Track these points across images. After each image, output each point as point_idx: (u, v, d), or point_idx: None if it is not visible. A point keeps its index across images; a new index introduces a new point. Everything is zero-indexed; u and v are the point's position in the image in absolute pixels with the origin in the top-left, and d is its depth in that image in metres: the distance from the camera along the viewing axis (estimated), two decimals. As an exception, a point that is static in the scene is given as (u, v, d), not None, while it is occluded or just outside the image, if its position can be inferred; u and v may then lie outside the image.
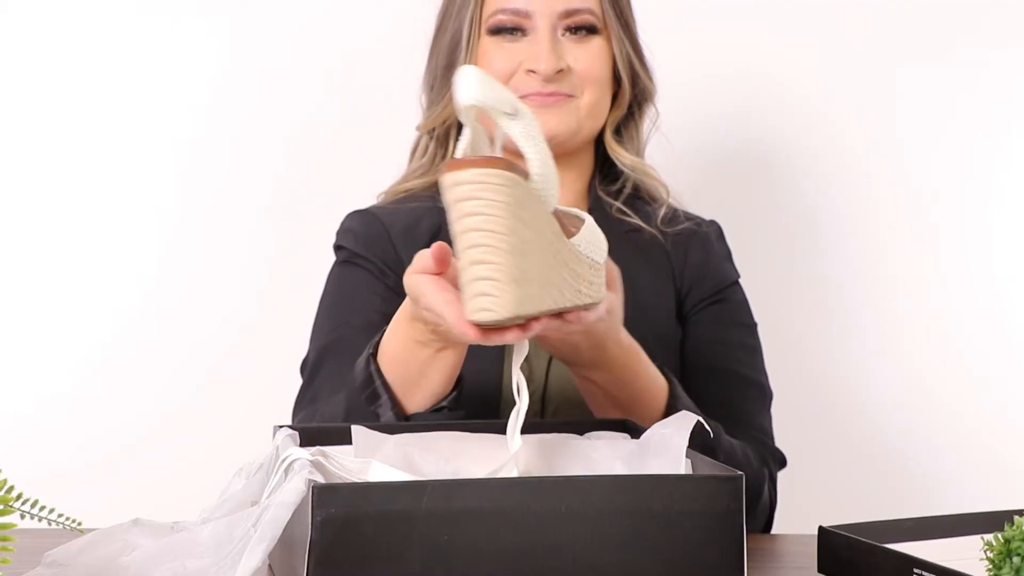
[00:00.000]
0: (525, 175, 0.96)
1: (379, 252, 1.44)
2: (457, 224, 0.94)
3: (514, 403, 1.05)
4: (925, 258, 1.94)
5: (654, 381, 1.26)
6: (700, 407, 1.28)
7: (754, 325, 1.51)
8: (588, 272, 1.06)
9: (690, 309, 1.47)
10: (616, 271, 1.15)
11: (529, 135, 0.98)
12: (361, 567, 0.92)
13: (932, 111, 1.93)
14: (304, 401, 1.39)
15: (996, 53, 1.92)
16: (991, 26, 1.92)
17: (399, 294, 1.39)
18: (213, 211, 1.94)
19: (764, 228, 1.94)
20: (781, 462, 1.46)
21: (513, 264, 0.94)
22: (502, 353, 1.38)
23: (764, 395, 1.47)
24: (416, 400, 1.20)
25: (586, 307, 1.06)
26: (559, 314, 1.03)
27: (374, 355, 1.20)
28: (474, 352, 1.18)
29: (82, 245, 1.93)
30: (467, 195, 0.93)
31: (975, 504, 1.30)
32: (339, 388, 1.29)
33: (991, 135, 1.94)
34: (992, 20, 1.92)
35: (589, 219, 1.07)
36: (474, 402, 1.30)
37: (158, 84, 1.93)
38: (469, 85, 0.94)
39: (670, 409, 1.26)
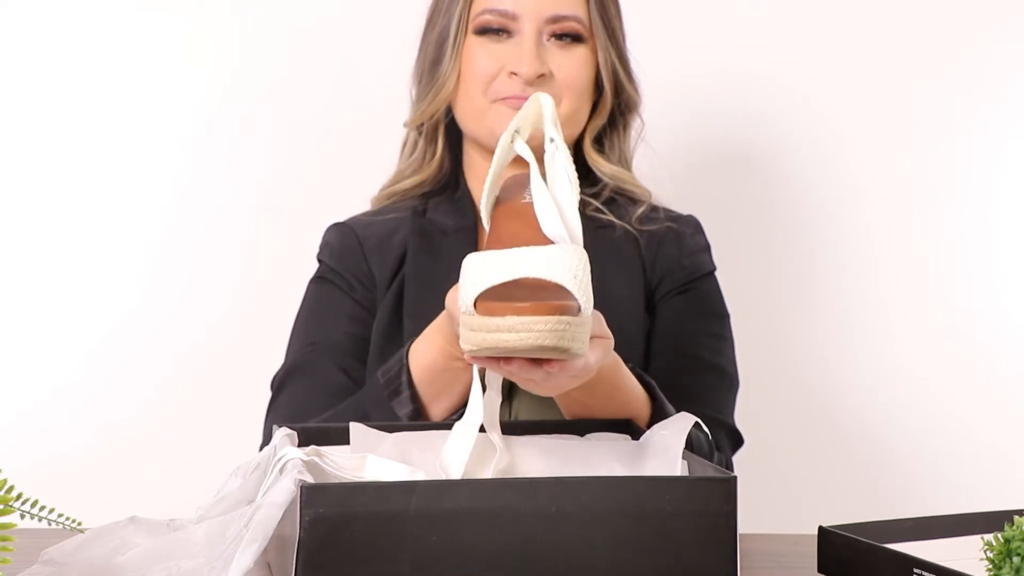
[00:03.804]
0: None
1: (351, 265, 1.47)
2: None
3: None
4: (924, 257, 1.93)
5: (636, 395, 1.25)
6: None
7: (725, 315, 1.50)
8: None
9: (660, 298, 1.47)
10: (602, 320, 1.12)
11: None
12: (350, 567, 0.92)
13: (923, 108, 1.93)
14: (268, 419, 1.43)
15: (992, 48, 1.92)
16: (988, 23, 1.92)
17: (366, 308, 1.45)
18: (211, 210, 1.94)
19: (756, 229, 1.94)
20: (737, 440, 1.45)
21: None
22: None
23: (725, 379, 1.46)
24: (437, 410, 1.25)
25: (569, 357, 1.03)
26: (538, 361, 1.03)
27: (407, 354, 1.25)
28: None
29: (79, 246, 1.93)
30: None
31: (975, 504, 1.30)
32: (298, 412, 1.36)
33: (988, 135, 1.93)
34: (989, 17, 1.92)
35: (468, 258, 1.04)
36: None
37: (158, 85, 1.93)
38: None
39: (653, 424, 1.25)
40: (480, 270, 1.01)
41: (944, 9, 1.92)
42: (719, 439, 1.41)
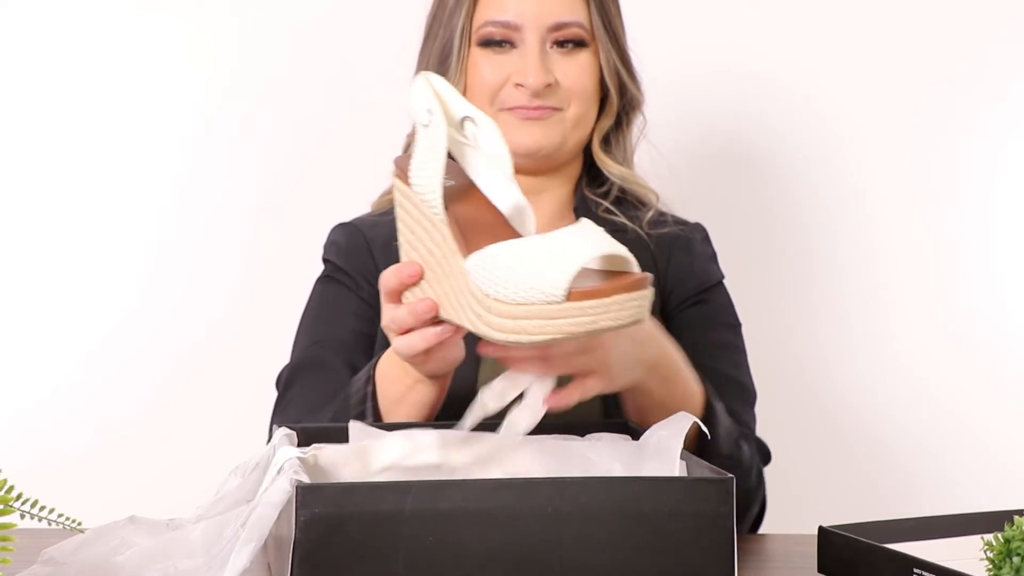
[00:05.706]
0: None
1: (359, 265, 1.47)
2: None
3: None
4: (924, 257, 1.93)
5: (692, 385, 1.26)
6: None
7: (738, 325, 1.50)
8: (479, 303, 0.99)
9: (673, 309, 1.47)
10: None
11: (425, 146, 1.06)
12: (346, 568, 0.92)
13: (923, 108, 1.93)
14: (275, 418, 1.43)
15: (992, 48, 1.92)
16: (988, 23, 1.92)
17: (372, 307, 1.44)
18: (211, 210, 1.94)
19: (756, 229, 1.94)
20: (765, 456, 1.45)
21: (407, 256, 1.08)
22: (477, 359, 1.39)
23: (745, 393, 1.46)
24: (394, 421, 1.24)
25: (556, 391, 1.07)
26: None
27: (374, 369, 1.24)
28: None
29: (79, 246, 1.93)
30: None
31: (975, 504, 1.30)
32: (310, 407, 1.35)
33: (988, 135, 1.93)
34: (989, 17, 1.92)
35: (498, 249, 1.00)
36: (448, 400, 1.32)
37: (158, 85, 1.93)
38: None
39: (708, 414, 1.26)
40: (541, 258, 0.97)
41: (944, 9, 1.92)
42: (756, 455, 1.41)
